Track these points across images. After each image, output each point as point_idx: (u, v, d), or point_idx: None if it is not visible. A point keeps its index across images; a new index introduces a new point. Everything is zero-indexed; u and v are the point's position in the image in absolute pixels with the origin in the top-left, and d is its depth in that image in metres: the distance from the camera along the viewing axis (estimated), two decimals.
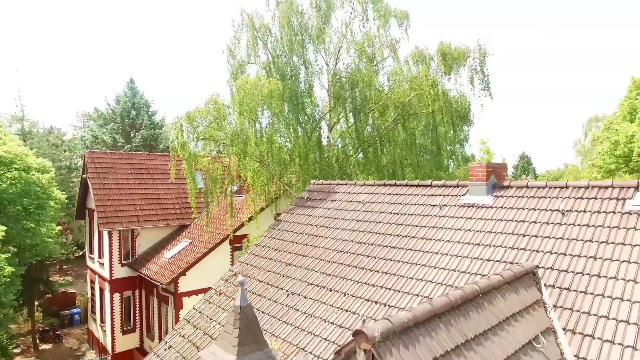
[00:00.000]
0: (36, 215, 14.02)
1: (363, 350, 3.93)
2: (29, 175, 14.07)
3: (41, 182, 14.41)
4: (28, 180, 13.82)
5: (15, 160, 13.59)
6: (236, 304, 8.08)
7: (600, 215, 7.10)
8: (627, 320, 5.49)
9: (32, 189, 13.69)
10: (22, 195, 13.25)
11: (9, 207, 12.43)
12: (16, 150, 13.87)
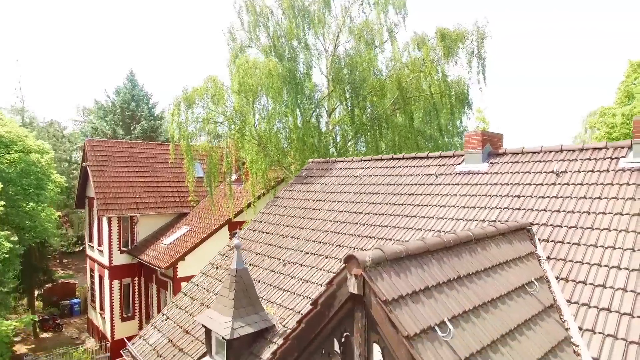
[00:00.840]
0: (35, 196, 14.06)
1: (354, 276, 3.97)
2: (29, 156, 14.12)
3: (40, 163, 14.46)
4: (27, 160, 13.87)
5: (16, 140, 13.65)
6: (232, 267, 8.17)
7: (594, 174, 7.14)
8: (618, 266, 5.53)
9: (31, 169, 13.72)
10: (22, 176, 13.28)
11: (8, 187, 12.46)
12: (17, 131, 13.94)
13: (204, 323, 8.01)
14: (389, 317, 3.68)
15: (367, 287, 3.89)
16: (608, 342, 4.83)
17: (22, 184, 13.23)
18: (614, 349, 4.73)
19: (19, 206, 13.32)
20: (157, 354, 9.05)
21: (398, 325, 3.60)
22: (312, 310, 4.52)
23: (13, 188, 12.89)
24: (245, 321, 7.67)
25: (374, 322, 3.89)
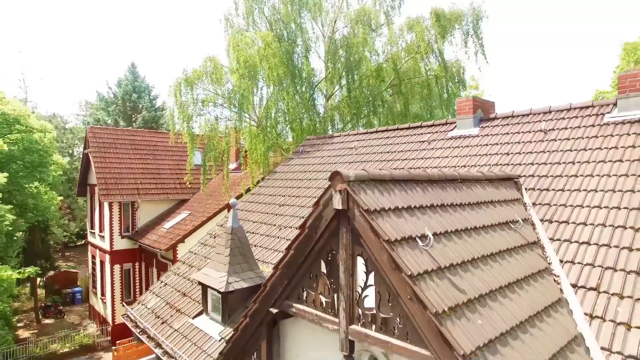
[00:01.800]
0: (38, 173, 14.28)
1: (338, 192, 4.16)
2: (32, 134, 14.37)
3: (43, 142, 14.69)
4: (31, 139, 14.11)
5: (19, 118, 13.90)
6: (228, 225, 8.37)
7: (580, 129, 7.32)
8: (599, 206, 5.71)
9: (34, 147, 13.96)
10: (25, 153, 13.52)
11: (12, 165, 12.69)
12: (20, 109, 14.19)
13: (199, 280, 8.22)
14: (371, 225, 3.86)
15: (351, 201, 4.07)
16: (586, 270, 5.01)
17: (25, 161, 13.46)
18: (590, 276, 4.92)
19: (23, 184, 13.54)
20: (155, 316, 9.25)
21: (380, 231, 3.79)
22: (301, 234, 4.71)
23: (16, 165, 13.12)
24: (240, 277, 7.86)
25: (358, 235, 4.08)
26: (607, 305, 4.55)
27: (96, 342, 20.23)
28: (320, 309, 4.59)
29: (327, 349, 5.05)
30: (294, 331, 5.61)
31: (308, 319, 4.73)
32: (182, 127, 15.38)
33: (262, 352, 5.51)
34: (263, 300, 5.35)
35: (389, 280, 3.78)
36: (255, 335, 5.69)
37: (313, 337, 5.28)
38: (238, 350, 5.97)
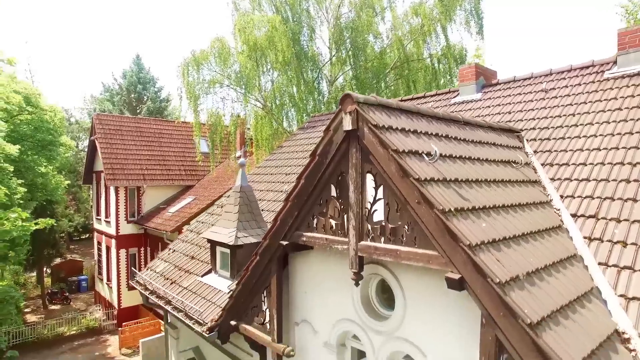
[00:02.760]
0: (47, 152, 14.53)
1: (349, 114, 4.37)
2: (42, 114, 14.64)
3: (53, 121, 14.95)
4: (41, 118, 14.37)
5: (30, 97, 14.18)
6: (236, 184, 8.58)
7: (580, 86, 7.51)
8: (598, 148, 5.90)
9: (44, 125, 14.22)
10: (35, 131, 13.77)
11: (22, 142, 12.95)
12: (31, 89, 14.45)
13: (208, 237, 8.43)
14: (380, 139, 4.07)
15: (361, 120, 4.28)
16: (585, 202, 5.20)
17: (36, 139, 13.72)
18: (590, 206, 5.10)
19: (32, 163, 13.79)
20: (164, 278, 9.46)
21: (388, 142, 3.99)
22: (311, 162, 4.92)
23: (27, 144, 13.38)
24: (248, 233, 8.07)
25: (367, 152, 4.28)
26: (604, 229, 4.74)
27: (102, 326, 20.46)
28: (330, 232, 4.79)
29: (335, 281, 5.26)
30: (303, 269, 5.80)
31: (318, 244, 4.93)
32: (189, 106, 15.63)
33: (272, 289, 5.71)
34: (274, 235, 5.56)
35: (397, 189, 3.98)
36: (265, 274, 5.89)
37: (321, 272, 5.48)
38: (247, 292, 6.18)
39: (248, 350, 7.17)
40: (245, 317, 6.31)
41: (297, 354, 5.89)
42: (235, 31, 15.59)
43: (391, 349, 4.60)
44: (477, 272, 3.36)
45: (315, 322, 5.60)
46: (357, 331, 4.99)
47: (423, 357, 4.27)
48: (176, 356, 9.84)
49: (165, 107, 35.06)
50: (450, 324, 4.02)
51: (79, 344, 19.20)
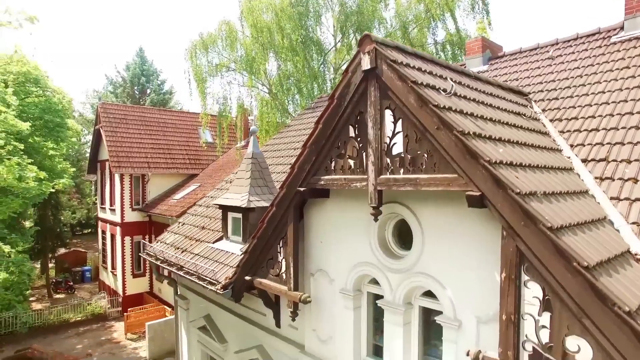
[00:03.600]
0: (55, 133, 14.66)
1: (367, 53, 4.50)
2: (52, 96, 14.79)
3: (61, 103, 15.07)
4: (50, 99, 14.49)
5: (40, 79, 14.31)
6: (248, 151, 8.71)
7: (587, 51, 7.65)
8: (607, 102, 6.04)
9: (53, 106, 14.33)
10: (43, 112, 13.89)
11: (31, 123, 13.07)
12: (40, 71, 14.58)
13: (220, 203, 8.55)
14: (399, 74, 4.20)
15: (379, 58, 4.41)
16: (595, 148, 5.33)
17: (45, 120, 13.86)
18: (600, 151, 5.23)
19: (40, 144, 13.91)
20: (175, 247, 9.57)
21: (407, 75, 4.12)
22: (329, 106, 5.05)
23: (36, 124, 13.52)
24: (260, 197, 8.19)
25: (385, 88, 4.41)
26: (615, 170, 4.86)
27: (107, 312, 20.55)
28: (349, 172, 4.92)
29: (352, 227, 5.38)
30: (319, 220, 5.92)
31: (337, 185, 5.05)
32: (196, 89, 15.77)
33: (289, 237, 5.82)
34: (290, 183, 5.67)
35: (416, 119, 4.11)
36: (281, 225, 5.99)
37: (338, 220, 5.60)
38: (262, 245, 6.29)
39: (261, 310, 7.29)
40: (260, 272, 6.42)
41: (314, 304, 6.00)
42: (241, 15, 15.75)
43: (409, 285, 4.71)
44: (497, 186, 3.49)
45: (331, 270, 5.72)
46: (375, 273, 5.11)
47: (442, 289, 4.39)
48: (186, 327, 9.95)
49: (168, 100, 35.25)
50: (468, 254, 4.14)
51: (84, 329, 19.30)
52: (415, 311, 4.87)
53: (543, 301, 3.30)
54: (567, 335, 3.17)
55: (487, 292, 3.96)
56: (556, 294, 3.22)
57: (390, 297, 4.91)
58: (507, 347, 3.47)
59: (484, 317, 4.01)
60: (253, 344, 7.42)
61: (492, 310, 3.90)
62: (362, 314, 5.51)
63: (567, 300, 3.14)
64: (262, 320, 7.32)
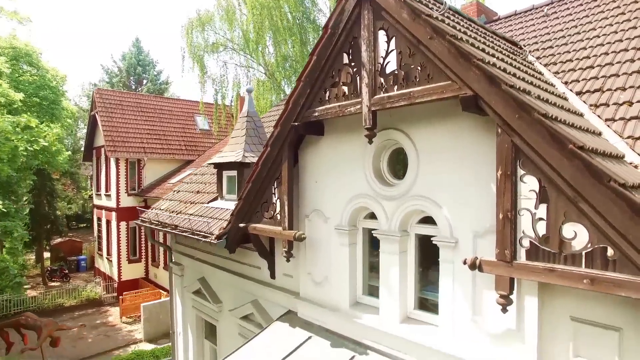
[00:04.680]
0: (50, 110, 14.53)
1: None
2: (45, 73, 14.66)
3: (56, 79, 14.95)
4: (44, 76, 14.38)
5: (32, 54, 14.20)
6: (243, 111, 8.67)
7: (582, 6, 7.66)
8: (601, 44, 6.02)
9: (47, 82, 14.22)
10: (38, 89, 13.77)
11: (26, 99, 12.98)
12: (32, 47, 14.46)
13: (215, 161, 8.51)
14: None
15: None
16: (590, 82, 5.32)
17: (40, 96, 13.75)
18: (595, 83, 5.22)
19: None
20: (170, 211, 9.50)
21: None
22: (323, 36, 5.01)
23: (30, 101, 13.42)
24: (255, 154, 8.14)
25: (379, 9, 4.38)
26: (610, 96, 4.85)
27: (102, 298, 20.42)
28: (343, 99, 4.88)
29: (347, 161, 5.35)
30: (314, 160, 5.88)
31: (331, 113, 5.00)
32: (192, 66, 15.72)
33: (283, 176, 5.77)
34: (285, 120, 5.63)
35: (409, 33, 4.08)
36: (275, 165, 5.95)
37: (333, 158, 5.57)
38: (256, 189, 6.25)
39: (256, 264, 7.24)
40: (254, 218, 6.37)
41: (309, 246, 5.96)
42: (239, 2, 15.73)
43: (405, 210, 4.68)
44: (490, 84, 3.46)
45: (326, 209, 5.68)
46: (370, 203, 5.07)
47: (438, 208, 4.35)
48: (181, 294, 9.87)
49: (165, 90, 35.14)
50: (462, 171, 4.12)
51: (79, 313, 19.17)
52: (411, 239, 4.84)
53: (539, 193, 3.27)
54: (563, 223, 3.15)
55: (483, 206, 3.94)
56: (552, 183, 3.19)
57: (385, 226, 4.87)
58: (505, 245, 3.44)
59: (481, 231, 3.98)
60: (248, 300, 7.35)
61: (488, 222, 3.87)
62: (357, 251, 5.47)
63: (563, 187, 3.11)
64: (256, 274, 7.26)
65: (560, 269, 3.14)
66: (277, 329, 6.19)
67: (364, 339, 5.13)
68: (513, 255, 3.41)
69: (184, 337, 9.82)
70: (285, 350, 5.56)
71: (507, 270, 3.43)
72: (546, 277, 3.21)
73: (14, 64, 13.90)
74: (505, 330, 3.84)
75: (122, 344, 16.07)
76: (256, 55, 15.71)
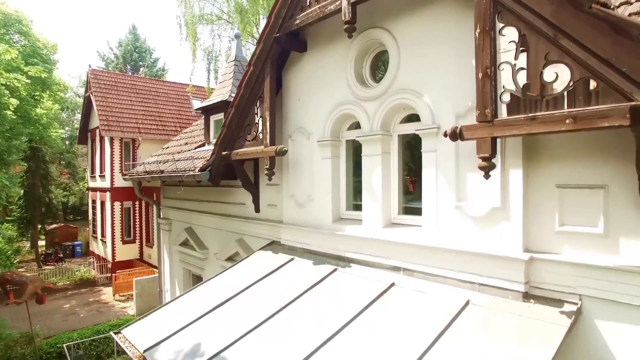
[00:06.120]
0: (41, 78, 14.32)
1: None
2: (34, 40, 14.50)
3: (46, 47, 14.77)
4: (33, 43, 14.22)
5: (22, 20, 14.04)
6: (231, 57, 8.53)
7: None
8: None
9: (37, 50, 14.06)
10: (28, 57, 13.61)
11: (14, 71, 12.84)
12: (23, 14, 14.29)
13: (203, 106, 8.36)
14: None
15: None
16: None
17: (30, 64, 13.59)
18: None
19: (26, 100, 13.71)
20: (157, 162, 9.32)
21: None
22: None
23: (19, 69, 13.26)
24: None
25: None
26: None
27: (96, 278, 20.23)
28: (323, 0, 4.73)
29: (330, 73, 5.20)
30: (297, 79, 5.75)
31: (312, 17, 4.84)
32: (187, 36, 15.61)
33: (265, 92, 5.60)
34: (267, 36, 5.47)
35: None
36: (258, 85, 5.79)
37: (315, 72, 5.42)
38: (239, 113, 6.09)
39: (240, 201, 7.08)
40: (237, 144, 6.21)
41: (292, 167, 5.81)
42: None
43: (387, 107, 4.52)
44: None
45: (309, 125, 5.52)
46: (352, 109, 4.91)
47: (420, 97, 4.20)
48: (168, 249, 9.70)
49: (161, 76, 34.99)
50: (442, 56, 3.98)
51: (72, 293, 18.98)
52: (394, 141, 4.67)
53: (519, 42, 3.11)
54: (544, 66, 2.98)
55: (464, 84, 3.80)
56: (532, 28, 3.03)
57: (367, 127, 4.71)
58: (485, 105, 3.27)
59: (462, 111, 3.83)
60: (233, 239, 7.18)
61: (470, 100, 3.72)
62: (340, 164, 5.31)
63: (544, 28, 2.95)
64: (241, 211, 7.09)
65: (542, 115, 2.97)
66: (259, 257, 6.02)
67: (346, 252, 4.96)
68: (494, 113, 3.24)
69: (171, 294, 9.64)
70: (266, 271, 5.39)
71: (488, 131, 3.26)
72: (528, 128, 3.04)
73: (3, 34, 13.79)
74: (490, 210, 3.67)
75: (114, 319, 15.85)
76: (250, 27, 15.57)
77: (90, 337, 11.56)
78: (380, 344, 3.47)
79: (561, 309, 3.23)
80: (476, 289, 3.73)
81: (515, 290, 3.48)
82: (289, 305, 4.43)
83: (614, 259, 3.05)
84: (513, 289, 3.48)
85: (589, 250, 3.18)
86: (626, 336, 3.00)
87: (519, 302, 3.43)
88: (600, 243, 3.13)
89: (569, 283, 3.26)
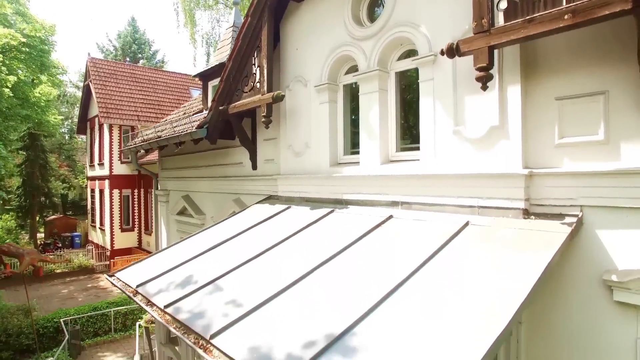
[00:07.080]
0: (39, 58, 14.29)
1: None
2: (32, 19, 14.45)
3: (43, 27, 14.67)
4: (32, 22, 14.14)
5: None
6: (230, 22, 8.47)
7: None
8: None
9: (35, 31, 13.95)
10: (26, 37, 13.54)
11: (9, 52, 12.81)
12: None
13: (200, 71, 8.31)
14: None
15: None
16: None
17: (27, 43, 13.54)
18: None
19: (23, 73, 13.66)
20: (155, 132, 9.27)
21: None
22: None
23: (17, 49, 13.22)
24: None
25: None
26: None
27: (94, 266, 20.16)
28: None
29: (327, 19, 5.16)
30: (294, 30, 5.71)
31: None
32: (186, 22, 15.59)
33: (262, 41, 5.56)
34: None
35: None
36: (255, 36, 5.75)
37: (312, 21, 5.38)
38: (237, 66, 6.05)
39: (237, 160, 7.02)
40: (234, 98, 6.17)
41: (289, 117, 5.76)
42: None
43: (384, 43, 4.47)
44: None
45: (306, 72, 5.48)
46: (349, 49, 4.87)
47: (416, 28, 4.16)
48: (166, 220, 9.64)
49: (161, 67, 34.95)
50: None
51: (71, 279, 18.91)
52: (391, 78, 4.62)
53: None
54: None
55: (459, 10, 3.75)
56: None
57: (365, 66, 4.67)
58: (482, 14, 3.23)
59: (459, 34, 3.77)
60: (230, 200, 7.13)
61: (467, 23, 3.67)
62: (338, 109, 5.26)
63: None
64: (239, 170, 7.03)
65: (539, 15, 2.92)
66: (254, 209, 5.96)
67: (344, 194, 4.91)
68: (491, 22, 3.19)
69: None
70: (261, 218, 5.33)
71: (485, 40, 3.21)
72: (525, 31, 2.99)
73: None
74: (489, 129, 3.62)
75: None
76: None
77: (88, 313, 11.48)
78: (375, 264, 3.41)
79: (562, 221, 3.17)
80: (476, 212, 3.67)
81: (515, 208, 3.42)
82: (282, 243, 4.38)
83: (615, 164, 3.00)
84: (513, 206, 3.43)
85: (590, 159, 3.13)
86: (627, 242, 2.94)
87: (519, 219, 3.37)
88: (601, 150, 3.08)
89: (569, 195, 3.20)
